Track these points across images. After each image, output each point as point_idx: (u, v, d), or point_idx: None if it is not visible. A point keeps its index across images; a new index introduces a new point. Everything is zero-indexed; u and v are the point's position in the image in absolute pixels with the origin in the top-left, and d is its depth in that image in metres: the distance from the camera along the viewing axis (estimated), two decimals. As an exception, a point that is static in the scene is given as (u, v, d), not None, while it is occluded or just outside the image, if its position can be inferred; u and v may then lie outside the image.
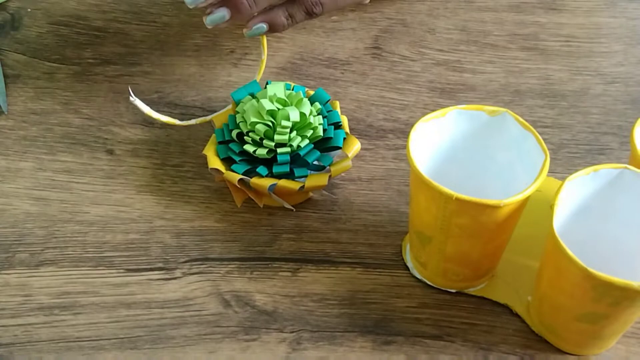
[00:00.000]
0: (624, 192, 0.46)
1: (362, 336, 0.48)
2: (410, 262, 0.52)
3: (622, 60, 0.67)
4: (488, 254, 0.49)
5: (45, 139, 0.59)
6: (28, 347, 0.47)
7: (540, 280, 0.47)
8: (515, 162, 0.49)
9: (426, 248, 0.49)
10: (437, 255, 0.48)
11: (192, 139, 0.59)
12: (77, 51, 0.66)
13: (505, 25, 0.70)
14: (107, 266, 0.52)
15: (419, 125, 0.48)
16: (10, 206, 0.55)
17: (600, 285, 0.41)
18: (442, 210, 0.45)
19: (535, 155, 0.47)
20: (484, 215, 0.45)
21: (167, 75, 0.64)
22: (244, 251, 0.53)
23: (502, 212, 0.44)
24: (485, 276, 0.50)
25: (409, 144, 0.46)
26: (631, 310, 0.44)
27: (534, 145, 0.47)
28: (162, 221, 0.54)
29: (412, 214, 0.49)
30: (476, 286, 0.51)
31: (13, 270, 0.51)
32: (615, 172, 0.46)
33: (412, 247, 0.51)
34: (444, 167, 0.50)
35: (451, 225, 0.46)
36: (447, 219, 0.45)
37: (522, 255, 0.51)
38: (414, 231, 0.49)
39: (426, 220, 0.47)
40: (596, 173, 0.46)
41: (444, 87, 0.64)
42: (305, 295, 0.50)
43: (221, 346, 0.48)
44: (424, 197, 0.46)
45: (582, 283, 0.42)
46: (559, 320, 0.47)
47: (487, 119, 0.49)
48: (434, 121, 0.48)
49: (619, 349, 0.48)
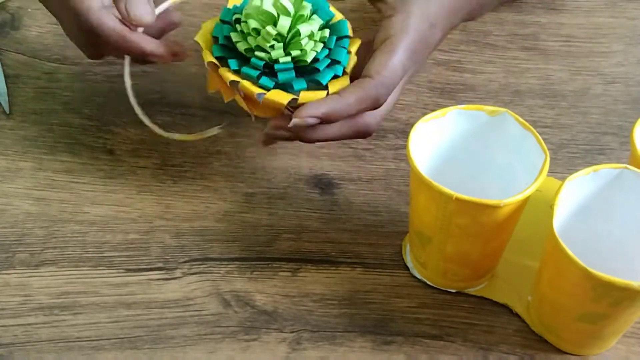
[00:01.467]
0: (624, 192, 0.46)
1: (362, 336, 0.48)
2: (410, 262, 0.52)
3: (622, 60, 0.67)
4: (488, 254, 0.49)
5: (45, 139, 0.59)
6: (28, 347, 0.47)
7: (540, 280, 0.47)
8: (515, 162, 0.49)
9: (426, 248, 0.49)
10: (437, 255, 0.48)
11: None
12: (77, 51, 0.66)
13: (505, 25, 0.70)
14: (107, 266, 0.52)
15: (419, 125, 0.48)
16: (10, 206, 0.55)
17: (600, 285, 0.41)
18: (442, 210, 0.45)
19: (535, 155, 0.47)
20: (484, 215, 0.45)
21: (167, 75, 0.64)
22: (244, 251, 0.53)
23: (502, 212, 0.44)
24: (485, 276, 0.50)
25: (408, 144, 0.46)
26: (631, 310, 0.44)
27: (533, 145, 0.47)
28: (162, 221, 0.54)
29: (412, 214, 0.49)
30: (476, 286, 0.51)
31: (13, 270, 0.51)
32: (615, 172, 0.46)
33: (412, 247, 0.51)
34: (444, 167, 0.50)
35: (451, 225, 0.46)
36: (447, 219, 0.45)
37: (522, 255, 0.51)
38: (414, 231, 0.49)
39: (426, 221, 0.47)
40: (596, 173, 0.46)
41: (444, 87, 0.64)
42: (305, 295, 0.50)
43: (221, 346, 0.48)
44: (424, 197, 0.46)
45: (582, 283, 0.42)
46: (559, 320, 0.47)
47: (487, 119, 0.49)
48: (434, 121, 0.48)
49: (619, 349, 0.48)
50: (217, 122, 0.61)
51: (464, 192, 0.44)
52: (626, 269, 0.45)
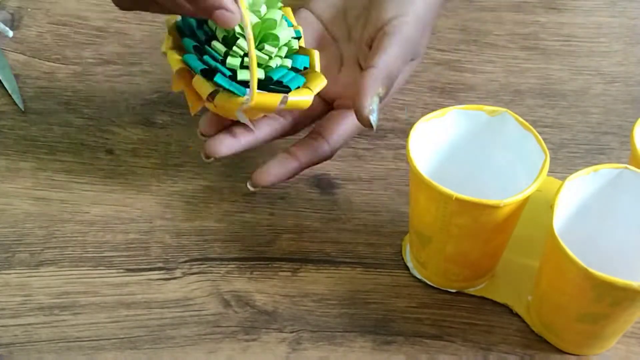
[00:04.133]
0: (624, 192, 0.46)
1: (362, 336, 0.48)
2: (410, 262, 0.52)
3: (622, 60, 0.67)
4: (488, 253, 0.49)
5: (45, 139, 0.59)
6: (28, 347, 0.47)
7: (540, 280, 0.47)
8: (515, 162, 0.49)
9: (426, 248, 0.49)
10: (437, 255, 0.48)
11: (192, 139, 0.59)
12: (77, 51, 0.66)
13: (505, 25, 0.70)
14: (107, 266, 0.52)
15: (419, 125, 0.48)
16: (10, 206, 0.55)
17: (600, 285, 0.41)
18: (442, 210, 0.45)
19: (535, 155, 0.47)
20: (483, 215, 0.45)
21: (167, 75, 0.64)
22: (244, 251, 0.53)
23: (502, 212, 0.44)
24: (485, 276, 0.50)
25: (408, 144, 0.46)
26: (631, 310, 0.44)
27: (534, 145, 0.47)
28: (162, 221, 0.54)
29: (412, 214, 0.49)
30: (476, 286, 0.50)
31: (13, 270, 0.51)
32: (615, 172, 0.46)
33: (412, 247, 0.51)
34: (444, 167, 0.50)
35: (451, 225, 0.46)
36: (447, 219, 0.45)
37: (523, 255, 0.51)
38: (414, 231, 0.49)
39: (426, 221, 0.47)
40: (596, 173, 0.46)
41: (444, 87, 0.64)
42: (305, 295, 0.50)
43: (221, 346, 0.48)
44: (424, 197, 0.46)
45: (582, 283, 0.42)
46: (559, 320, 0.47)
47: (487, 119, 0.49)
48: (434, 121, 0.48)
49: (619, 349, 0.48)
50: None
51: (464, 192, 0.44)
52: (626, 268, 0.45)
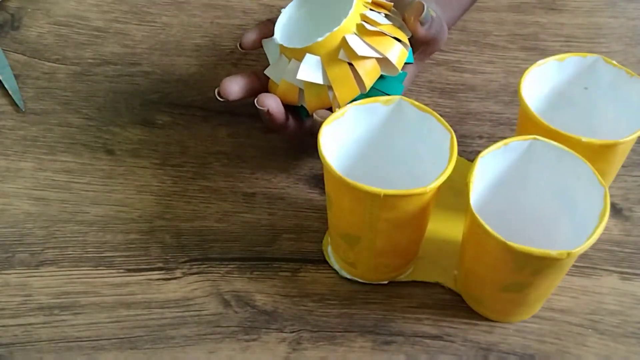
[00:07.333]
0: (535, 162, 0.47)
1: (362, 336, 0.48)
2: (336, 264, 0.52)
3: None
4: (415, 240, 0.50)
5: (45, 139, 0.59)
6: (28, 347, 0.47)
7: (463, 256, 0.48)
8: (417, 145, 0.49)
9: (355, 248, 0.49)
10: (367, 252, 0.48)
11: (192, 139, 0.60)
12: (77, 51, 0.66)
13: (505, 25, 0.70)
14: (107, 266, 0.52)
15: (324, 130, 0.47)
16: (10, 206, 0.55)
17: (519, 256, 0.42)
18: (369, 209, 0.45)
19: (438, 135, 0.47)
20: (410, 205, 0.45)
21: (167, 75, 0.64)
22: (244, 251, 0.53)
23: (427, 197, 0.45)
24: (412, 260, 0.51)
25: (320, 150, 0.46)
26: (553, 276, 0.45)
27: (435, 126, 0.47)
28: (162, 221, 0.54)
29: (334, 218, 0.49)
30: (406, 272, 0.51)
31: (13, 270, 0.51)
32: (526, 143, 0.47)
33: (336, 249, 0.51)
34: (352, 164, 0.50)
35: (380, 221, 0.46)
36: (375, 216, 0.45)
37: (441, 233, 0.52)
38: (338, 234, 0.49)
39: (352, 222, 0.47)
40: (507, 147, 0.47)
41: (444, 87, 0.64)
42: (305, 295, 0.50)
43: (221, 346, 0.48)
44: (349, 200, 0.46)
45: (502, 255, 0.43)
46: (485, 291, 0.48)
47: (383, 109, 0.49)
48: (336, 122, 0.48)
49: (619, 349, 0.48)
50: (217, 122, 0.61)
51: (371, 184, 0.44)
52: (544, 237, 0.46)
